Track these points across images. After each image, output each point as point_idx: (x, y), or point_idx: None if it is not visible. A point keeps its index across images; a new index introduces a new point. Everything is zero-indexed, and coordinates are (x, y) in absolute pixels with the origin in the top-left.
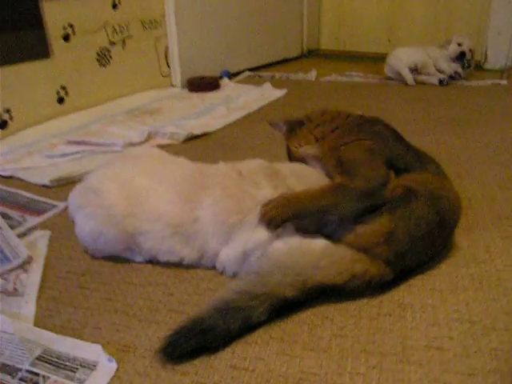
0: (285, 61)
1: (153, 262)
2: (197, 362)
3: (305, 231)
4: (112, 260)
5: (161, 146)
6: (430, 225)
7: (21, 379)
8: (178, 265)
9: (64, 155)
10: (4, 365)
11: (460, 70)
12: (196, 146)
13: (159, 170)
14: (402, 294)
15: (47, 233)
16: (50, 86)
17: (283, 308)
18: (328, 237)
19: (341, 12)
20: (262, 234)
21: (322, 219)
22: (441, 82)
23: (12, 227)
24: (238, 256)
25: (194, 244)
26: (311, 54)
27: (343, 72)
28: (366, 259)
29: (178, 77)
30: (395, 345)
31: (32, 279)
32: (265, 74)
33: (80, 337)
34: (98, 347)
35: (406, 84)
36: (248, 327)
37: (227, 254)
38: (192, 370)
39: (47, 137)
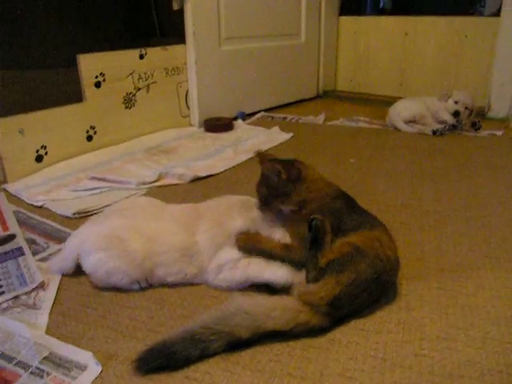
0: (301, 101)
1: (143, 289)
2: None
3: None
4: (112, 289)
5: (170, 185)
6: (369, 283)
7: (31, 372)
8: (162, 293)
9: (86, 190)
10: (20, 361)
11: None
12: (201, 185)
13: (162, 213)
14: (335, 331)
15: None
16: (81, 126)
17: (237, 345)
18: None
19: (356, 56)
20: (231, 253)
21: None
22: (434, 132)
23: (37, 252)
24: (215, 268)
25: (195, 262)
26: (327, 95)
27: (351, 116)
28: (309, 311)
29: (196, 117)
30: (315, 372)
31: (48, 296)
32: (278, 115)
33: (78, 345)
34: (89, 354)
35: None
36: (205, 356)
37: (210, 267)
38: (156, 376)
39: (75, 171)
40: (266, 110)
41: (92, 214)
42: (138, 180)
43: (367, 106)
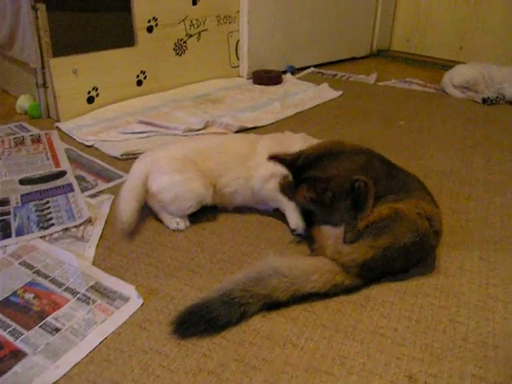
0: (352, 59)
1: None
2: None
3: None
4: (155, 226)
5: (216, 134)
6: (408, 247)
7: (78, 298)
8: (202, 236)
9: (134, 133)
10: (68, 287)
11: None
12: None
13: (230, 137)
14: (371, 289)
15: (111, 197)
16: (132, 70)
17: (274, 306)
18: None
19: (416, 13)
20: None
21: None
22: (484, 100)
23: (87, 188)
24: (268, 175)
25: (250, 166)
26: (380, 55)
27: (403, 78)
28: (343, 272)
29: (245, 69)
30: (348, 325)
31: (95, 231)
32: (328, 71)
33: (122, 278)
34: (132, 287)
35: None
36: (244, 318)
37: (261, 172)
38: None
39: (125, 114)
40: (317, 66)
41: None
42: (185, 126)
43: (422, 69)
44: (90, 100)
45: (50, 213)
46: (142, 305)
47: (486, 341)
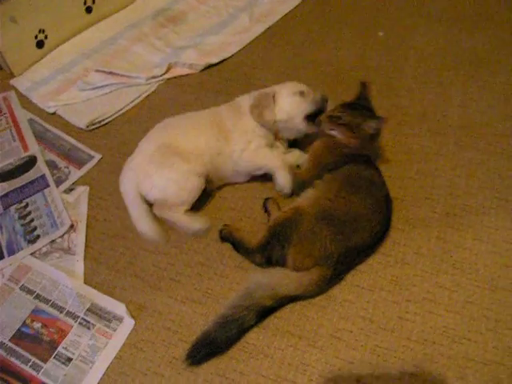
0: None
1: None
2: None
3: None
4: (133, 227)
5: (181, 77)
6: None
7: (79, 323)
8: (180, 236)
9: (95, 88)
10: (69, 312)
11: None
12: (214, 75)
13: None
14: (334, 287)
15: (87, 189)
16: None
17: (265, 314)
18: None
19: None
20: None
21: None
22: None
23: (60, 180)
24: (244, 143)
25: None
26: None
27: None
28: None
29: None
30: (311, 331)
31: (80, 239)
32: None
33: (112, 294)
34: (123, 306)
35: None
36: (243, 331)
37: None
38: (177, 328)
39: (80, 57)
40: None
41: (105, 124)
42: (147, 74)
43: None
44: (40, 44)
45: (32, 220)
46: (134, 324)
47: (427, 337)
